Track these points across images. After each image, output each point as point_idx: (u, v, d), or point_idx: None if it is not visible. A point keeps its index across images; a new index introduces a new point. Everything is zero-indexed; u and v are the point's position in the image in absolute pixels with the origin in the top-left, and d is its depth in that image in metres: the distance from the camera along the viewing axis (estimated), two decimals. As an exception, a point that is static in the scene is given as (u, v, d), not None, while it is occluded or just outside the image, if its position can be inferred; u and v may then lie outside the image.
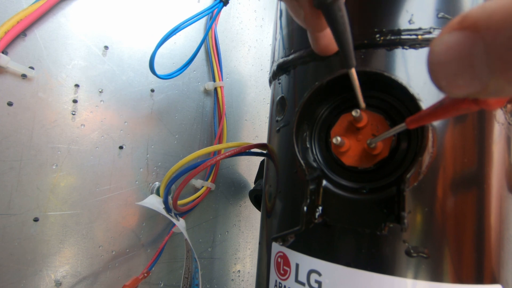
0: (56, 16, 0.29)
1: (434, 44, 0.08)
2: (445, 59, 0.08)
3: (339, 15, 0.13)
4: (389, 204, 0.16)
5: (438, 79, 0.09)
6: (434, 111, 0.11)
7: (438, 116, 0.11)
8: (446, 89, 0.09)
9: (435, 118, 0.12)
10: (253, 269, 0.47)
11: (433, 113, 0.11)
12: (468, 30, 0.07)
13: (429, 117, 0.12)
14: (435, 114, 0.11)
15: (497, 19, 0.07)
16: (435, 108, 0.11)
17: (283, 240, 0.18)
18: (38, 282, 0.27)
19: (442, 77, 0.08)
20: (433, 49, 0.08)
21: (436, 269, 0.15)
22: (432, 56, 0.09)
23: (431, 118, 0.12)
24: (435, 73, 0.09)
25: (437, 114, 0.11)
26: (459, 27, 0.08)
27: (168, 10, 0.37)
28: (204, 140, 0.41)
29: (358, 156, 0.17)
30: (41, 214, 0.28)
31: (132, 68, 0.34)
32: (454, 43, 0.08)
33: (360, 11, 0.18)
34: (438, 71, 0.08)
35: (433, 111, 0.11)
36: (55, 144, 0.28)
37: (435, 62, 0.08)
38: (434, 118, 0.12)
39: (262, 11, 0.50)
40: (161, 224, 0.36)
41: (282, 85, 0.23)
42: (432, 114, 0.12)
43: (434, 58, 0.08)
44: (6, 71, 0.26)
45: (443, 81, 0.09)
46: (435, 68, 0.09)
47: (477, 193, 0.16)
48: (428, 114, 0.12)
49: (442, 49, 0.08)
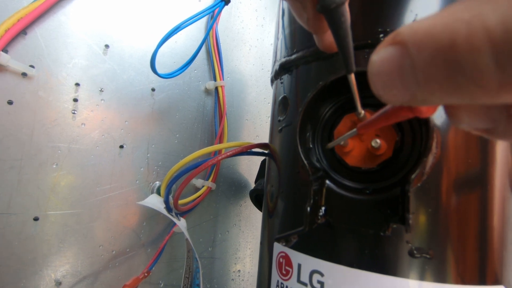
0: (57, 15, 0.29)
1: (372, 57, 0.09)
2: (380, 71, 0.09)
3: (341, 20, 0.13)
4: (392, 204, 0.16)
5: (376, 88, 0.09)
6: (378, 118, 0.12)
7: (382, 122, 0.12)
8: (384, 97, 0.09)
9: (379, 124, 0.12)
10: (254, 269, 0.47)
11: (378, 120, 0.12)
12: (398, 45, 0.08)
13: (374, 123, 0.13)
14: (379, 121, 0.12)
15: (420, 37, 0.08)
16: (379, 115, 0.12)
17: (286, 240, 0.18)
18: (38, 282, 0.27)
19: (379, 87, 0.09)
20: (371, 61, 0.09)
21: (439, 270, 0.15)
22: (371, 68, 0.09)
23: (376, 124, 0.13)
24: (373, 83, 0.09)
25: (381, 120, 0.12)
26: (391, 42, 0.08)
27: (169, 9, 0.37)
28: (204, 139, 0.41)
29: (362, 156, 0.17)
30: (41, 213, 0.27)
31: (133, 67, 0.34)
32: (387, 57, 0.09)
33: (364, 11, 0.17)
34: (376, 81, 0.09)
35: (377, 118, 0.12)
36: (55, 143, 0.28)
37: (373, 73, 0.09)
38: (380, 124, 0.12)
39: (263, 11, 0.50)
40: (162, 224, 0.36)
41: (284, 85, 0.22)
42: (377, 121, 0.12)
43: (372, 69, 0.09)
44: (7, 70, 0.26)
45: (380, 91, 0.09)
46: (373, 79, 0.09)
47: (480, 193, 0.16)
48: (374, 120, 0.13)
49: (378, 61, 0.09)
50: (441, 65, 0.07)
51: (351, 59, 0.14)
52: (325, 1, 0.12)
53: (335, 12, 0.13)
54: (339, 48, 0.14)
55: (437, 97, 0.08)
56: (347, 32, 0.13)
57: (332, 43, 0.17)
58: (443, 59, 0.07)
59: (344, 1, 0.13)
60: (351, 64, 0.14)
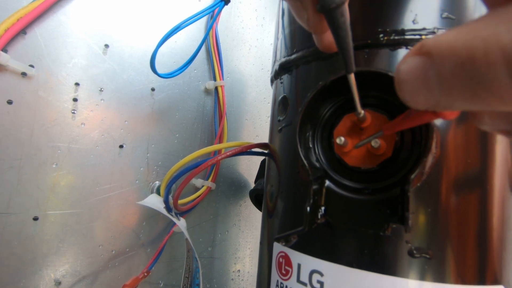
0: (57, 14, 0.29)
1: (400, 66, 0.10)
2: (407, 78, 0.10)
3: (341, 20, 0.13)
4: (392, 204, 0.16)
5: (403, 94, 0.10)
6: (404, 120, 0.13)
7: (407, 124, 0.13)
8: (410, 103, 0.10)
9: (405, 126, 0.13)
10: (253, 268, 0.47)
11: (403, 122, 0.13)
12: (424, 56, 0.09)
13: (400, 125, 0.13)
14: (404, 123, 0.13)
15: (443, 49, 0.08)
16: (404, 118, 0.13)
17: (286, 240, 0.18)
18: (38, 282, 0.27)
19: (406, 93, 0.10)
20: (399, 69, 0.10)
21: (438, 269, 0.15)
22: (398, 75, 0.10)
23: (401, 126, 0.13)
24: (400, 89, 0.10)
25: (405, 123, 0.13)
26: (417, 53, 0.09)
27: (169, 9, 0.37)
28: (204, 139, 0.41)
29: (362, 156, 0.17)
30: (41, 213, 0.27)
31: (132, 67, 0.34)
32: (414, 65, 0.09)
33: (364, 10, 0.17)
34: (403, 88, 0.10)
35: (402, 121, 0.13)
36: (55, 143, 0.28)
37: (400, 81, 0.10)
38: (404, 126, 0.13)
39: (263, 10, 0.50)
40: (162, 224, 0.36)
41: (284, 85, 0.22)
42: (402, 123, 0.13)
43: (399, 77, 0.10)
44: (6, 69, 0.26)
45: (407, 97, 0.10)
46: (400, 86, 0.10)
47: (480, 193, 0.16)
48: (399, 122, 0.13)
49: (405, 70, 0.10)
50: (462, 76, 0.08)
51: (351, 59, 0.14)
52: (325, 1, 0.12)
53: (335, 12, 0.13)
54: (339, 48, 0.14)
55: (459, 104, 0.09)
56: (347, 32, 0.13)
57: (332, 43, 0.17)
58: (463, 71, 0.08)
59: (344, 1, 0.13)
60: (351, 64, 0.14)
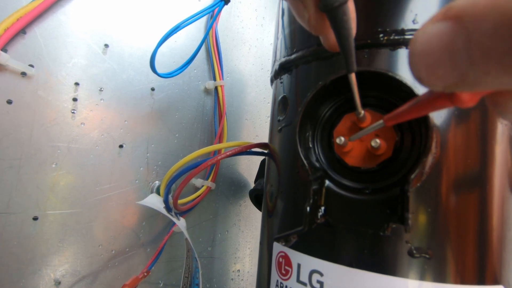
0: (56, 14, 0.29)
1: (417, 35, 0.09)
2: (426, 48, 0.08)
3: (344, 19, 0.13)
4: (392, 204, 0.16)
5: (418, 69, 0.09)
6: (409, 108, 0.11)
7: (414, 113, 0.11)
8: (425, 80, 0.09)
9: (411, 115, 0.12)
10: (253, 268, 0.47)
11: (409, 110, 0.11)
12: (451, 20, 0.08)
13: (405, 114, 0.12)
14: (410, 111, 0.11)
15: (481, 9, 0.07)
16: (411, 106, 0.11)
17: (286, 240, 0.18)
18: (38, 281, 0.27)
19: (422, 67, 0.08)
20: (415, 39, 0.09)
21: (438, 269, 0.15)
22: (414, 46, 0.09)
23: (407, 115, 0.12)
24: (415, 63, 0.09)
25: (413, 111, 0.11)
26: (442, 17, 0.08)
27: (169, 8, 0.37)
28: (204, 139, 0.41)
29: (361, 156, 0.17)
30: (40, 213, 0.27)
31: (132, 67, 0.34)
32: (436, 33, 0.08)
33: (364, 10, 0.17)
34: (419, 61, 0.09)
35: (408, 108, 0.11)
36: (55, 142, 0.28)
37: (416, 52, 0.09)
38: (410, 116, 0.12)
39: (263, 10, 0.50)
40: (161, 224, 0.36)
41: (284, 85, 0.22)
42: (407, 111, 0.12)
43: (415, 47, 0.09)
44: (6, 69, 0.26)
45: (422, 72, 0.09)
46: (415, 59, 0.09)
47: (479, 193, 0.16)
48: (405, 111, 0.12)
49: (424, 39, 0.08)
50: (505, 38, 0.07)
51: (353, 58, 0.14)
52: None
53: (338, 11, 0.12)
54: (340, 47, 0.14)
55: (492, 76, 0.07)
56: (349, 31, 0.13)
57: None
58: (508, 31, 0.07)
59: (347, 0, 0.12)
60: (353, 63, 0.14)
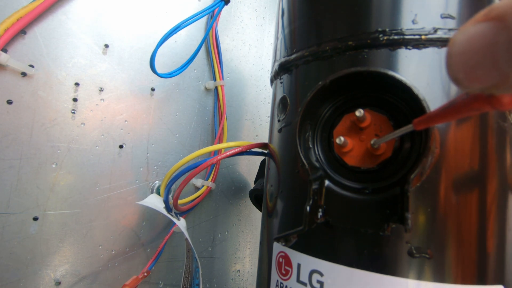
0: (56, 14, 0.29)
1: (456, 36, 0.08)
2: (466, 49, 0.08)
3: None
4: (392, 204, 0.16)
5: (456, 70, 0.08)
6: (443, 112, 0.11)
7: (448, 117, 0.11)
8: (463, 82, 0.08)
9: (444, 119, 0.11)
10: (253, 268, 0.47)
11: (442, 113, 0.11)
12: (493, 21, 0.08)
13: (438, 118, 0.11)
14: (444, 115, 0.11)
15: None
16: (444, 109, 0.11)
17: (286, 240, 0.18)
18: (38, 281, 0.27)
19: (460, 69, 0.08)
20: (454, 40, 0.08)
21: (438, 269, 0.15)
22: (453, 47, 0.08)
23: (440, 119, 0.11)
24: (453, 64, 0.08)
25: (446, 114, 0.11)
26: (484, 18, 0.08)
27: (169, 8, 0.37)
28: (204, 139, 0.41)
29: (361, 156, 0.17)
30: (40, 213, 0.27)
31: (132, 67, 0.34)
32: (477, 33, 0.08)
33: (363, 10, 0.17)
34: (457, 62, 0.08)
35: (442, 112, 0.11)
36: (55, 142, 0.28)
37: (455, 53, 0.08)
38: (444, 119, 0.11)
39: (263, 10, 0.50)
40: (161, 224, 0.36)
41: (284, 85, 0.22)
42: (441, 115, 0.11)
43: (454, 48, 0.08)
44: (6, 69, 0.26)
45: (460, 73, 0.08)
46: (454, 60, 0.08)
47: (479, 193, 0.16)
48: (437, 115, 0.11)
49: (464, 39, 0.08)
50: None
51: None
52: None
53: None
54: None
55: None
56: None
57: None
58: None
59: None
60: None
